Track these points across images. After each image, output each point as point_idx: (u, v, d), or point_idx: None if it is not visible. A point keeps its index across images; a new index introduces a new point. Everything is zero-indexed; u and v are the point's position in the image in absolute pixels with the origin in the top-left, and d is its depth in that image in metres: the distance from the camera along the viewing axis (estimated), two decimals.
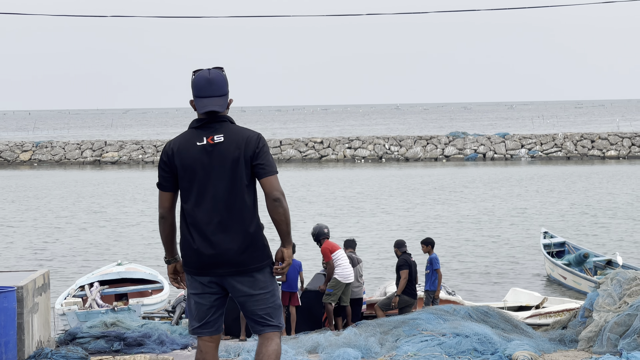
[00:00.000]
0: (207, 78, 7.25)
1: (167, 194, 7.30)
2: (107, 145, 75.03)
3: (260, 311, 7.26)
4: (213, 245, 7.16)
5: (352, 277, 16.29)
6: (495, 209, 38.76)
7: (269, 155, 7.22)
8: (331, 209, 39.78)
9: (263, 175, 7.16)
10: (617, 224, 33.49)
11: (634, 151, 67.35)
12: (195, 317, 7.33)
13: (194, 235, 7.20)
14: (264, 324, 7.30)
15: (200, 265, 7.21)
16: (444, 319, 12.41)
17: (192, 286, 7.33)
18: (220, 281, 7.23)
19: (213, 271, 7.20)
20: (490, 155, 68.96)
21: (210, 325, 7.34)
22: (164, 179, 7.29)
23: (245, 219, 7.18)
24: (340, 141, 72.10)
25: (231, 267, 7.17)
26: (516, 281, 23.66)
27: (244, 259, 7.17)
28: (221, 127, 7.23)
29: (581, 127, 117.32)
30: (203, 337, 7.36)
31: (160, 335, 13.24)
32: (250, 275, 7.21)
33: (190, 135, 7.26)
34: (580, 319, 12.25)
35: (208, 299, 7.29)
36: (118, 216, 39.13)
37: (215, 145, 7.18)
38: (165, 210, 7.30)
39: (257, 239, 7.22)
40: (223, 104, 7.26)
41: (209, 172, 7.17)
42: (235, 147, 7.16)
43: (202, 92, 7.25)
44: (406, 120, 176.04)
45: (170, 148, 7.28)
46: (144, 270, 21.98)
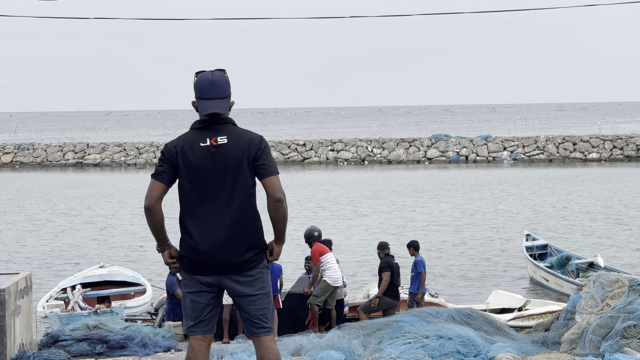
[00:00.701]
0: (211, 80, 7.32)
1: (161, 185, 7.31)
2: (89, 147, 74.82)
3: (256, 312, 7.34)
4: (214, 246, 7.23)
5: (341, 281, 16.32)
6: (477, 211, 38.83)
7: (270, 156, 7.34)
8: (313, 211, 39.77)
9: (265, 175, 7.25)
10: (598, 226, 33.60)
11: (615, 154, 67.60)
12: (190, 316, 7.39)
13: (194, 235, 7.26)
14: (259, 325, 7.36)
15: (201, 265, 7.28)
16: (427, 322, 12.41)
17: (188, 285, 7.39)
18: (219, 281, 7.29)
19: (213, 271, 7.27)
20: (473, 158, 69.10)
21: (205, 324, 7.40)
22: (162, 170, 7.32)
23: (247, 219, 7.27)
24: (323, 143, 72.12)
25: (232, 267, 7.25)
26: (499, 283, 23.70)
27: (245, 259, 7.26)
28: (224, 128, 7.32)
29: (563, 129, 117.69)
30: (196, 335, 7.41)
31: (143, 337, 13.21)
32: (250, 275, 7.30)
33: (194, 136, 7.32)
34: (562, 321, 12.28)
35: (205, 298, 7.36)
36: (99, 218, 39.01)
37: (219, 146, 7.26)
38: (152, 200, 7.29)
39: (258, 239, 7.32)
40: (225, 106, 7.35)
41: (212, 173, 7.24)
42: (239, 149, 7.24)
43: (205, 94, 7.32)
44: (389, 123, 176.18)
45: (174, 146, 7.33)
46: (127, 273, 21.94)
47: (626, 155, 67.39)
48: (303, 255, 24.14)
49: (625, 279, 11.95)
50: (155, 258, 28.07)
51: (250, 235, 7.27)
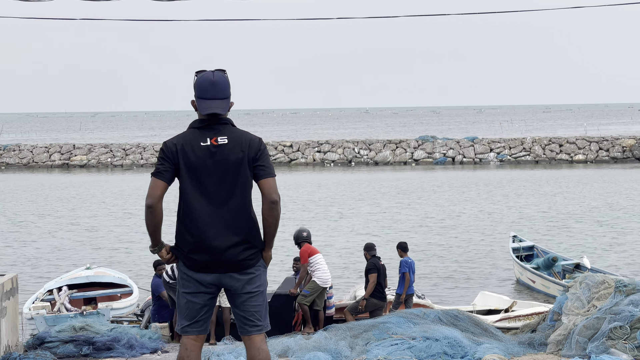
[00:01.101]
0: (211, 80, 7.36)
1: (162, 183, 7.31)
2: (75, 148, 74.65)
3: (252, 308, 7.39)
4: (215, 244, 7.28)
5: (330, 282, 16.35)
6: (463, 212, 38.88)
7: (269, 158, 7.42)
8: (300, 212, 39.76)
9: (263, 176, 7.34)
10: (584, 227, 33.68)
11: (601, 155, 67.79)
12: (185, 316, 7.42)
13: (194, 234, 7.30)
14: (252, 324, 7.42)
15: (202, 263, 7.32)
16: (414, 323, 12.42)
17: (185, 285, 7.42)
18: (219, 279, 7.35)
19: (214, 269, 7.32)
20: (459, 159, 69.20)
21: (200, 325, 7.43)
22: (163, 168, 7.32)
23: (246, 219, 7.34)
24: (310, 145, 72.13)
25: (232, 265, 7.31)
26: (485, 285, 23.72)
27: (245, 257, 7.33)
28: (224, 129, 7.37)
29: (549, 131, 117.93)
30: (190, 335, 7.44)
31: (130, 339, 13.19)
32: (250, 273, 7.37)
33: (193, 135, 7.36)
34: (549, 322, 12.31)
35: (202, 298, 7.40)
36: (84, 220, 38.93)
37: (219, 146, 7.31)
38: (155, 199, 7.28)
39: (257, 238, 7.41)
40: (225, 107, 7.39)
41: (212, 172, 7.29)
42: (239, 150, 7.31)
43: (205, 94, 7.35)
44: (375, 124, 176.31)
45: (174, 144, 7.35)
46: (113, 274, 21.91)
47: (612, 157, 67.58)
48: (288, 256, 24.13)
49: (612, 280, 11.99)
50: (141, 259, 28.02)
51: (250, 233, 7.35)
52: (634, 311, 11.18)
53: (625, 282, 11.90)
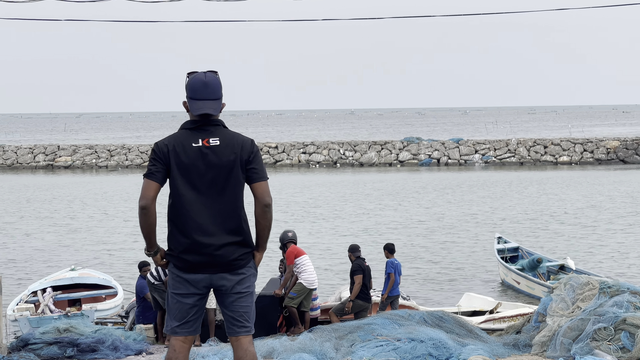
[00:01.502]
0: (203, 81, 7.38)
1: (155, 184, 7.31)
2: (60, 149, 74.43)
3: (241, 309, 7.41)
4: (207, 244, 7.28)
5: (316, 283, 16.35)
6: (448, 214, 38.93)
7: (262, 161, 7.45)
8: (283, 214, 39.74)
9: (256, 179, 7.38)
10: (569, 229, 33.76)
11: (586, 157, 67.97)
12: (175, 317, 7.43)
13: (186, 234, 7.31)
14: (241, 324, 7.44)
15: (193, 264, 7.32)
16: (399, 324, 12.42)
17: (176, 286, 7.42)
18: (210, 279, 7.35)
19: (206, 269, 7.32)
20: (445, 161, 69.27)
21: (190, 325, 7.44)
22: (155, 169, 7.33)
23: (238, 219, 7.37)
24: (295, 146, 72.11)
25: (224, 264, 7.32)
26: (470, 286, 23.74)
27: (237, 257, 7.34)
28: (216, 130, 7.38)
29: (534, 132, 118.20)
30: (179, 337, 7.44)
31: (114, 340, 13.16)
32: (241, 273, 7.39)
33: (185, 136, 7.37)
34: (534, 323, 12.32)
35: (192, 299, 7.41)
36: (68, 221, 38.82)
37: (211, 147, 7.32)
38: (148, 200, 7.28)
39: (248, 238, 7.43)
40: (217, 108, 7.40)
41: (204, 173, 7.31)
42: (231, 151, 7.33)
43: (197, 95, 7.37)
44: (361, 125, 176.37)
45: (165, 145, 7.36)
46: (98, 276, 21.86)
47: (596, 159, 67.76)
48: (272, 257, 24.12)
49: (596, 281, 12.02)
50: (125, 261, 27.97)
51: (242, 234, 7.37)
52: (618, 312, 11.20)
53: (609, 284, 11.93)
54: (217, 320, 15.77)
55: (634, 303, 11.47)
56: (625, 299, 11.49)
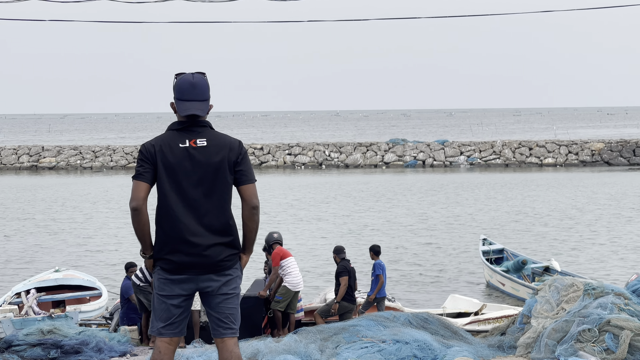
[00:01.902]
0: (191, 82, 7.39)
1: (144, 185, 7.31)
2: (44, 150, 74.23)
3: (227, 310, 7.41)
4: (194, 245, 7.26)
5: (301, 285, 16.35)
6: (434, 215, 38.96)
7: (250, 163, 7.49)
8: (267, 216, 39.71)
9: (245, 182, 7.42)
10: (553, 230, 33.83)
11: (571, 159, 68.14)
12: (160, 318, 7.42)
13: (173, 235, 7.29)
14: (226, 326, 7.44)
15: (180, 265, 7.31)
16: (384, 326, 12.41)
17: (161, 287, 7.40)
18: (197, 280, 7.34)
19: (192, 270, 7.31)
20: (430, 162, 69.36)
21: (175, 327, 7.44)
22: (144, 169, 7.31)
23: (225, 221, 7.36)
24: (280, 147, 72.09)
25: (211, 265, 7.31)
26: (455, 288, 23.77)
27: (223, 258, 7.33)
28: (203, 131, 7.39)
29: (519, 134, 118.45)
30: (164, 338, 7.43)
31: (98, 342, 13.11)
32: (227, 274, 7.39)
33: (172, 137, 7.37)
34: (518, 325, 12.34)
35: (177, 300, 7.39)
36: (52, 222, 38.70)
37: (199, 148, 7.32)
38: (139, 201, 7.27)
39: (235, 239, 7.42)
40: (205, 109, 7.41)
41: (191, 174, 7.30)
42: (218, 152, 7.33)
43: (185, 95, 7.37)
44: (346, 127, 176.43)
45: (152, 145, 7.34)
46: (82, 277, 21.80)
47: (581, 161, 67.95)
48: (256, 259, 24.08)
49: (580, 283, 12.03)
50: (109, 262, 27.89)
51: (229, 235, 7.37)
52: (602, 314, 11.22)
53: (593, 285, 11.94)
54: (201, 321, 15.74)
55: (618, 305, 11.49)
56: (609, 301, 11.51)
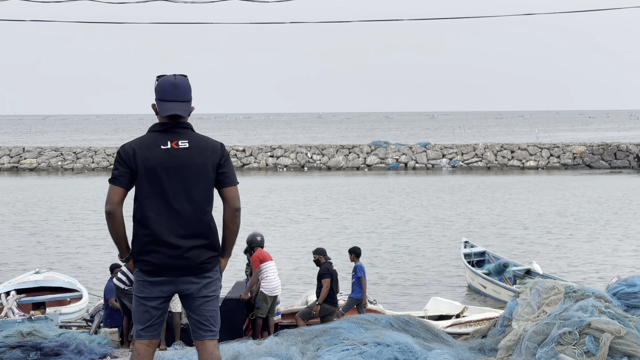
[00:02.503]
0: (173, 83, 7.36)
1: (120, 189, 7.26)
2: (25, 151, 73.98)
3: (207, 313, 7.39)
4: (175, 247, 7.24)
5: (278, 290, 16.29)
6: (415, 218, 38.99)
7: (232, 165, 7.45)
8: (248, 217, 39.66)
9: (227, 184, 7.39)
10: (534, 233, 33.90)
11: (552, 162, 68.36)
12: (140, 320, 7.39)
13: (152, 237, 7.25)
14: (206, 328, 7.42)
15: (159, 267, 7.27)
16: (366, 328, 12.40)
17: (140, 289, 7.37)
18: (176, 283, 7.31)
19: (171, 272, 7.28)
20: (412, 165, 69.44)
21: (154, 329, 7.42)
22: (121, 174, 7.27)
23: (206, 223, 7.33)
24: (263, 149, 72.04)
25: (191, 267, 7.28)
26: (437, 290, 23.78)
27: (203, 260, 7.31)
28: (185, 133, 7.35)
29: (501, 137, 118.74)
30: (143, 340, 7.41)
31: (78, 344, 13.05)
32: (207, 277, 7.36)
33: (153, 138, 7.32)
34: (499, 327, 12.35)
35: (155, 302, 7.36)
36: (31, 224, 38.55)
37: (180, 150, 7.28)
38: (113, 205, 7.24)
39: (216, 242, 7.40)
40: (186, 110, 7.37)
41: (173, 176, 7.26)
42: (200, 154, 7.29)
43: (167, 96, 7.34)
44: (328, 129, 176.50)
45: (132, 147, 7.29)
46: (63, 279, 21.69)
47: (563, 164, 68.17)
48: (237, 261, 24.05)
49: (561, 286, 12.05)
50: (89, 264, 27.79)
51: (209, 237, 7.34)
52: (583, 317, 11.24)
53: (574, 288, 11.97)
54: (182, 324, 15.70)
55: (599, 307, 11.52)
56: (590, 304, 11.53)
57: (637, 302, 12.56)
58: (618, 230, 34.61)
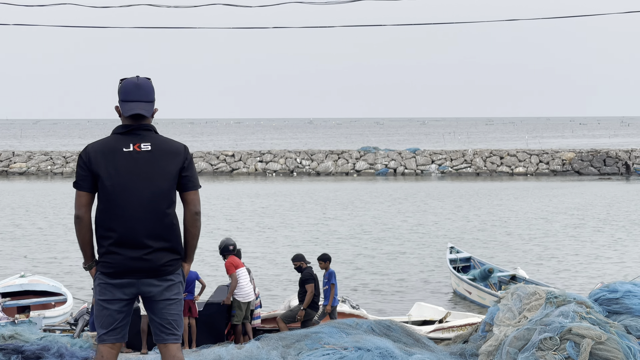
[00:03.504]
0: (136, 83, 7.35)
1: (84, 193, 7.27)
2: (14, 155, 73.84)
3: (169, 317, 7.37)
4: (136, 250, 7.22)
5: (251, 296, 16.30)
6: (402, 224, 39.00)
7: (195, 169, 7.42)
8: (226, 222, 39.64)
9: (190, 188, 7.36)
10: (521, 239, 33.93)
11: (542, 168, 68.46)
12: (102, 324, 7.37)
13: (114, 239, 7.23)
14: (169, 332, 7.40)
15: (120, 269, 7.25)
16: (347, 333, 12.39)
17: (102, 292, 7.35)
18: (138, 285, 7.28)
19: (133, 274, 7.25)
20: (401, 171, 69.49)
21: (117, 332, 7.38)
22: (82, 179, 7.27)
23: (169, 226, 7.30)
24: (252, 154, 72.02)
25: (152, 270, 7.26)
26: (423, 296, 23.78)
27: (165, 262, 7.29)
28: (148, 135, 7.33)
29: (491, 143, 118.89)
30: (107, 343, 7.38)
31: (60, 348, 13.01)
32: (169, 279, 7.34)
33: (115, 141, 7.31)
34: (481, 333, 12.35)
35: (117, 305, 7.33)
36: (12, 228, 38.47)
37: (143, 152, 7.26)
38: (82, 209, 7.27)
39: (178, 244, 7.37)
40: (149, 110, 7.36)
41: (135, 178, 7.23)
42: (163, 156, 7.27)
43: (129, 96, 7.33)
44: (318, 135, 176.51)
45: (94, 150, 7.28)
46: (48, 283, 21.67)
47: (552, 170, 68.28)
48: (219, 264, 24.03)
49: (543, 291, 12.07)
50: (74, 268, 27.74)
51: (171, 240, 7.32)
52: (564, 322, 11.26)
53: (555, 294, 11.99)
54: None
55: (580, 313, 11.54)
56: (571, 309, 11.55)
57: (618, 308, 12.55)
58: (603, 236, 34.66)
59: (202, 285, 16.50)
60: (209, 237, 32.20)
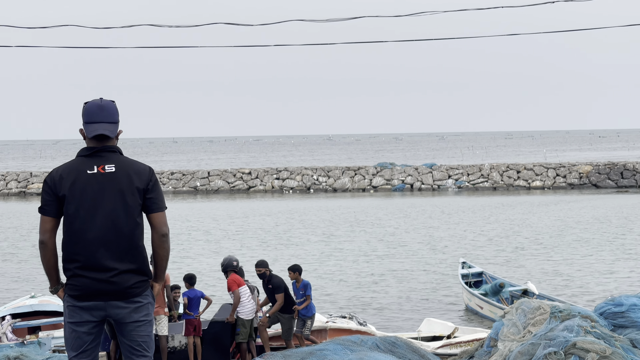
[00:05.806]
0: (99, 105, 7.35)
1: (49, 218, 7.27)
2: (32, 176, 74.16)
3: (139, 338, 7.33)
4: (102, 272, 7.18)
5: (253, 313, 16.30)
6: (414, 239, 38.92)
7: (160, 190, 7.38)
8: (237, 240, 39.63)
9: (155, 210, 7.31)
10: (534, 254, 33.80)
11: (559, 181, 68.24)
12: (72, 347, 7.33)
13: (80, 262, 7.20)
14: (139, 353, 7.37)
15: (87, 291, 7.22)
16: (351, 350, 12.35)
17: (70, 315, 7.32)
18: (105, 307, 7.25)
19: (99, 297, 7.22)
20: (418, 186, 69.41)
21: (88, 355, 7.35)
22: (47, 204, 7.26)
23: (134, 248, 7.26)
24: (269, 172, 72.09)
25: (118, 292, 7.22)
26: (434, 311, 23.71)
27: (132, 284, 7.24)
28: (112, 156, 7.31)
29: (510, 157, 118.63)
30: None
31: None
32: (137, 301, 7.29)
33: (79, 163, 7.30)
34: (486, 348, 12.30)
35: (86, 327, 7.30)
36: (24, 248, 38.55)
37: (107, 174, 7.24)
38: (46, 235, 7.26)
39: (145, 266, 7.33)
40: (113, 131, 7.33)
41: (99, 200, 7.20)
42: (127, 178, 7.24)
43: (92, 118, 7.32)
44: (336, 151, 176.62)
45: (58, 174, 7.27)
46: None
47: (569, 183, 68.06)
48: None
49: (547, 306, 12.01)
50: None
51: (138, 262, 7.27)
52: (569, 337, 11.20)
53: (560, 308, 11.93)
54: (169, 347, 15.67)
55: (585, 327, 11.48)
56: (575, 323, 11.49)
57: (624, 322, 12.47)
58: (618, 250, 34.48)
59: (208, 302, 16.51)
60: (218, 255, 32.27)
